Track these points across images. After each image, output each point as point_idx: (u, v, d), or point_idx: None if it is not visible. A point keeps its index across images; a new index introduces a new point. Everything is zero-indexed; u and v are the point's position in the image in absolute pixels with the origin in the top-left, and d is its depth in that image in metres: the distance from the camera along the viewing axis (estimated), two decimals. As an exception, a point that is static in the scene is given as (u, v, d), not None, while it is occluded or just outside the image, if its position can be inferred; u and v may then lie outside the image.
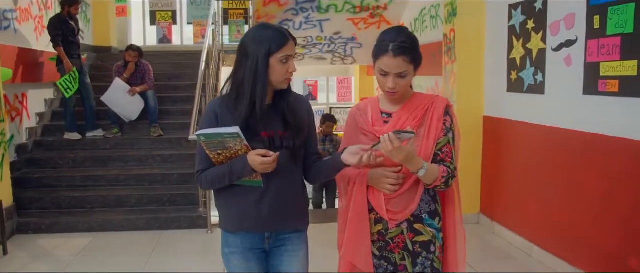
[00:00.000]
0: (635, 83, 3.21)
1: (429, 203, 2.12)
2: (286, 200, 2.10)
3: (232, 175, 2.01)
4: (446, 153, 2.07)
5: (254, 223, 2.09)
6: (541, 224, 4.30)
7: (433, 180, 2.01)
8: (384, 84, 2.04)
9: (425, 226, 2.10)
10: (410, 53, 1.99)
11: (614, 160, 3.45)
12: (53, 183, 5.84)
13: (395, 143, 1.85)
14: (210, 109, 2.09)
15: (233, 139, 1.90)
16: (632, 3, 3.20)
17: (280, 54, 1.97)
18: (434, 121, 2.07)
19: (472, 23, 5.15)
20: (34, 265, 4.50)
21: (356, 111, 2.22)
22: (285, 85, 2.05)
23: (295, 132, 2.07)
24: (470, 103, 5.19)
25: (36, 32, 6.72)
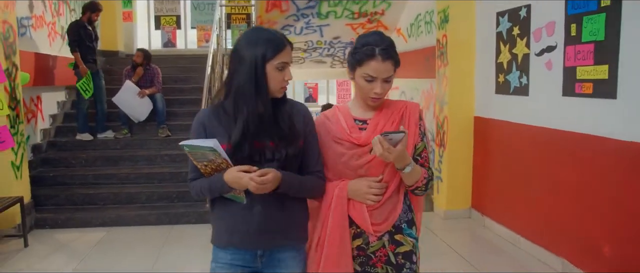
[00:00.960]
0: (606, 85, 3.53)
1: (406, 212, 2.11)
2: (277, 215, 1.97)
3: (213, 191, 1.95)
4: (425, 158, 2.09)
5: (243, 238, 1.98)
6: (527, 217, 4.62)
7: (415, 180, 2.00)
8: (371, 89, 1.98)
9: (405, 236, 2.08)
10: (395, 56, 1.98)
11: (589, 155, 3.76)
12: (67, 181, 6.15)
13: (384, 145, 1.84)
14: (198, 120, 1.99)
15: (212, 152, 1.80)
16: (603, 13, 3.53)
17: (276, 61, 1.87)
18: (412, 126, 2.06)
19: (463, 29, 5.47)
20: (54, 256, 4.82)
21: (325, 120, 2.13)
22: (280, 93, 1.94)
23: (287, 142, 1.93)
24: (462, 104, 5.50)
25: (49, 37, 7.04)
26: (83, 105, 6.75)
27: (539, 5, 4.31)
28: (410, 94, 7.54)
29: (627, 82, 3.38)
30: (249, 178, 1.78)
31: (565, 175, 4.05)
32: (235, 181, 1.82)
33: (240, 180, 1.80)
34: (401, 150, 1.87)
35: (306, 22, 7.67)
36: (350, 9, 7.44)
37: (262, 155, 1.91)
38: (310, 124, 2.05)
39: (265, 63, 1.85)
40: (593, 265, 3.75)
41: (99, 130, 6.92)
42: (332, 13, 7.48)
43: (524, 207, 4.64)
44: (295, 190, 1.96)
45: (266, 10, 7.26)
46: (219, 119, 1.94)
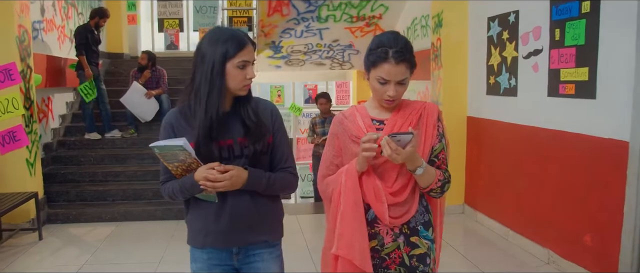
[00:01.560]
0: (586, 86, 3.80)
1: (423, 214, 2.07)
2: (248, 212, 1.99)
3: (184, 191, 1.95)
4: (442, 160, 2.05)
5: (216, 238, 2.00)
6: (515, 211, 4.88)
7: (429, 182, 1.97)
8: (384, 92, 1.97)
9: (421, 238, 2.05)
10: (410, 59, 1.95)
11: (572, 152, 4.02)
12: (77, 178, 6.41)
13: (392, 146, 1.83)
14: (166, 121, 2.01)
15: (182, 152, 1.81)
16: (584, 19, 3.79)
17: (237, 59, 1.87)
18: (429, 128, 2.02)
19: (456, 33, 5.73)
20: (67, 249, 5.07)
21: (343, 118, 2.12)
22: (243, 92, 1.94)
23: (255, 137, 1.95)
24: (455, 105, 5.76)
25: (59, 40, 7.30)
26: (88, 106, 7.00)
27: (526, 11, 4.57)
28: (407, 95, 7.75)
29: (605, 83, 3.64)
30: (203, 176, 1.83)
31: (550, 171, 4.31)
32: (200, 177, 1.85)
33: (204, 179, 1.83)
34: (410, 151, 1.85)
35: (306, 25, 7.93)
36: (349, 13, 7.71)
37: (231, 152, 1.94)
38: (278, 120, 2.07)
39: (225, 61, 1.86)
40: (576, 254, 4.01)
41: (106, 130, 7.18)
42: (332, 17, 7.74)
43: (513, 202, 4.90)
44: (264, 186, 1.97)
45: (268, 15, 7.52)
46: (186, 118, 1.95)
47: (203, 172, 1.84)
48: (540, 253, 4.44)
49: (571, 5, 3.92)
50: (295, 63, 9.43)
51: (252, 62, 1.92)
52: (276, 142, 2.04)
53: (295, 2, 7.31)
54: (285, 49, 8.65)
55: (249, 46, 1.91)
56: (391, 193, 1.99)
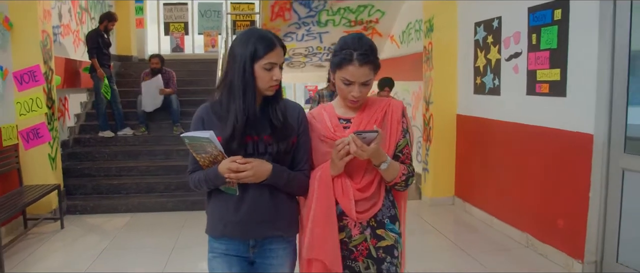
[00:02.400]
0: (559, 85, 4.24)
1: (389, 208, 2.15)
2: (266, 206, 2.06)
3: (208, 182, 2.03)
4: (406, 154, 2.13)
5: (234, 228, 2.06)
6: (498, 200, 5.32)
7: (393, 177, 2.05)
8: (348, 92, 2.04)
9: (387, 231, 2.12)
10: (374, 60, 2.02)
11: (547, 145, 4.46)
12: (93, 173, 6.85)
13: (358, 143, 1.90)
14: (198, 115, 2.09)
15: (209, 144, 1.88)
16: (556, 25, 4.24)
17: (264, 61, 1.93)
18: (394, 124, 2.10)
19: (446, 37, 6.17)
20: (87, 236, 5.51)
21: (312, 119, 2.18)
22: (270, 92, 2.01)
23: (280, 137, 2.02)
24: (446, 103, 6.20)
25: (74, 44, 7.75)
26: (102, 105, 7.43)
27: (507, 17, 5.02)
28: (402, 95, 8.23)
29: (574, 82, 4.09)
30: (226, 168, 1.92)
31: (528, 163, 4.75)
32: (225, 171, 1.93)
33: (227, 169, 1.92)
34: (375, 148, 1.92)
35: (307, 29, 8.37)
36: (348, 18, 8.15)
37: (255, 149, 2.01)
38: (304, 123, 2.13)
39: (253, 62, 1.93)
40: (550, 237, 4.45)
41: (118, 128, 7.61)
42: (331, 21, 8.18)
43: (497, 191, 5.34)
44: (284, 183, 2.04)
45: (271, 19, 7.96)
46: (216, 113, 2.03)
47: (226, 164, 1.91)
48: (519, 237, 4.89)
49: (545, 12, 4.37)
50: (296, 65, 9.87)
51: (279, 64, 1.98)
52: (300, 144, 2.11)
53: (296, 7, 7.76)
54: (286, 52, 9.09)
55: (277, 49, 1.97)
56: (358, 189, 2.06)
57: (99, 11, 8.88)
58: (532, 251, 4.65)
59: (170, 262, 4.58)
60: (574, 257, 4.12)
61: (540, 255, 4.53)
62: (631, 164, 3.72)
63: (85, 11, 8.33)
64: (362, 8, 7.95)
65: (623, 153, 3.77)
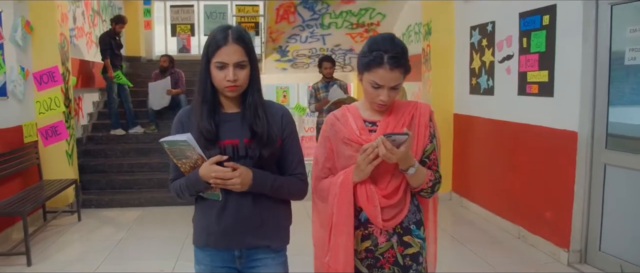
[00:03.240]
0: (547, 86, 4.54)
1: (414, 213, 2.08)
2: (251, 214, 1.94)
3: (190, 188, 1.91)
4: (433, 160, 2.05)
5: (218, 238, 1.96)
6: (492, 195, 5.62)
7: (420, 182, 1.97)
8: (376, 96, 1.95)
9: (414, 237, 2.06)
10: (405, 64, 1.93)
11: (536, 142, 4.76)
12: (106, 169, 7.17)
13: (387, 146, 1.81)
14: (177, 118, 2.01)
15: (187, 147, 1.79)
16: (544, 30, 4.54)
17: (215, 59, 1.82)
18: (421, 128, 2.00)
19: (444, 40, 6.47)
20: (103, 228, 5.83)
21: (335, 120, 2.08)
22: (228, 93, 1.87)
23: (261, 141, 1.89)
24: (443, 103, 6.50)
25: (87, 46, 8.07)
26: (114, 104, 7.76)
27: (500, 22, 5.32)
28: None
29: (560, 83, 4.39)
30: (208, 171, 1.80)
31: (520, 159, 5.05)
32: (207, 175, 1.81)
33: (210, 172, 1.80)
34: (404, 151, 1.84)
35: (310, 31, 8.68)
36: (350, 21, 8.45)
37: (235, 152, 1.90)
38: (289, 126, 2.01)
39: (209, 60, 1.84)
40: (539, 228, 4.75)
41: (129, 126, 7.93)
42: (333, 24, 8.49)
43: (491, 187, 5.64)
44: (269, 188, 1.93)
45: (275, 22, 8.27)
46: (194, 115, 1.93)
47: (207, 167, 1.81)
48: (512, 229, 5.19)
49: (535, 18, 4.67)
50: (300, 66, 10.17)
51: (233, 63, 1.82)
52: (286, 148, 2.00)
53: (300, 10, 8.06)
54: (291, 53, 9.40)
55: (228, 45, 1.82)
56: (384, 195, 1.98)
57: (110, 14, 9.21)
58: (523, 242, 4.95)
59: (183, 251, 4.88)
60: (560, 246, 4.42)
61: (531, 246, 4.83)
62: (612, 159, 4.02)
63: (97, 14, 8.66)
64: (364, 11, 8.25)
65: (605, 149, 4.07)
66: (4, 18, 5.21)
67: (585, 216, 4.24)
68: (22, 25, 5.58)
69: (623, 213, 3.95)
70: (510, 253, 4.74)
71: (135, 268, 4.46)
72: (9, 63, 5.33)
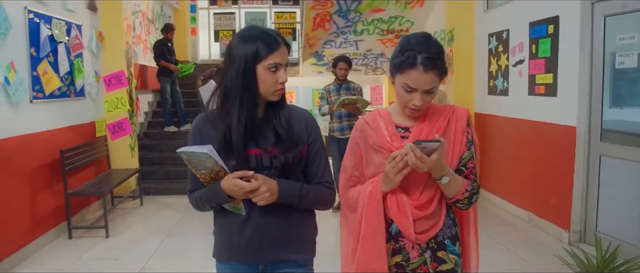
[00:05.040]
0: (552, 87, 5.17)
1: (450, 227, 1.94)
2: (277, 227, 1.84)
3: (210, 200, 1.82)
4: (470, 169, 1.90)
5: (241, 252, 1.87)
6: (506, 184, 6.25)
7: (455, 192, 1.83)
8: (409, 100, 1.80)
9: (448, 253, 1.92)
10: (440, 65, 1.77)
11: (543, 136, 5.38)
12: (161, 161, 8.04)
13: (417, 153, 1.69)
14: (195, 126, 1.89)
15: (208, 159, 1.68)
16: (549, 38, 5.17)
17: (268, 61, 1.71)
18: (458, 134, 1.87)
19: (465, 46, 7.12)
20: (163, 211, 6.67)
21: (365, 125, 1.95)
22: (275, 97, 1.78)
23: (287, 147, 1.79)
24: (464, 103, 7.12)
25: (143, 52, 8.99)
26: (167, 104, 8.65)
27: (514, 30, 5.95)
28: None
29: (562, 85, 5.01)
30: (239, 187, 1.68)
31: (530, 152, 5.68)
32: (231, 189, 1.71)
33: (234, 187, 1.69)
34: (436, 159, 1.71)
35: (344, 38, 9.41)
36: (381, 28, 9.14)
37: (259, 163, 1.79)
38: (315, 131, 1.91)
39: (255, 63, 1.71)
40: (546, 213, 5.37)
41: (181, 124, 8.81)
42: (366, 31, 9.20)
43: (505, 177, 6.27)
44: (296, 199, 1.82)
45: (312, 29, 9.02)
46: (214, 124, 1.82)
47: (230, 180, 1.70)
48: (522, 214, 5.82)
49: (542, 27, 5.31)
50: (335, 69, 10.89)
51: (284, 65, 1.77)
52: (312, 154, 1.90)
53: (335, 19, 8.79)
54: (326, 58, 10.14)
55: (282, 47, 1.75)
56: (417, 206, 1.84)
57: (162, 22, 10.14)
58: (532, 226, 5.58)
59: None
60: (562, 227, 5.04)
61: (538, 229, 5.45)
62: (606, 151, 4.63)
63: (151, 23, 9.59)
64: (394, 19, 8.94)
65: (600, 142, 4.68)
66: (83, 30, 6.11)
67: (584, 201, 4.86)
68: (95, 36, 6.48)
69: (616, 198, 4.55)
70: (520, 235, 5.37)
71: (193, 242, 5.26)
72: (87, 68, 6.23)
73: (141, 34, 8.86)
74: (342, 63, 6.14)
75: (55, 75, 5.41)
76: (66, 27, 5.65)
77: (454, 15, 7.21)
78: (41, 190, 5.09)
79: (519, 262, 4.56)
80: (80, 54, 6.00)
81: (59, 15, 5.50)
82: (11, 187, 4.57)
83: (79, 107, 6.09)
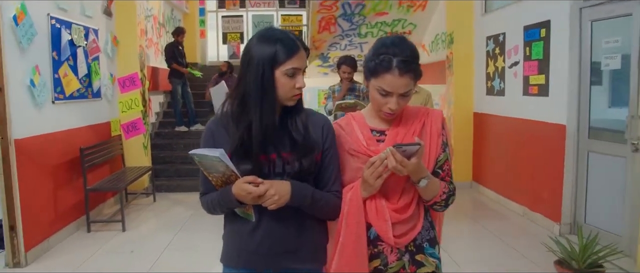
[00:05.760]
0: (544, 88, 5.45)
1: (428, 229, 1.93)
2: (287, 233, 1.80)
3: (221, 204, 1.79)
4: (446, 171, 1.90)
5: (250, 259, 1.84)
6: (503, 180, 6.53)
7: (433, 195, 1.83)
8: (384, 104, 1.79)
9: (427, 256, 1.91)
10: (415, 68, 1.76)
11: (536, 134, 5.66)
12: (173, 160, 8.37)
13: (397, 157, 1.66)
14: (208, 128, 1.86)
15: (220, 163, 1.65)
16: (542, 41, 5.45)
17: (287, 66, 1.69)
18: (434, 137, 1.87)
19: (464, 48, 7.41)
20: (175, 207, 6.99)
21: (339, 130, 1.92)
22: (292, 102, 1.76)
23: (302, 153, 1.76)
24: (464, 103, 7.43)
25: (155, 55, 9.33)
26: (178, 105, 8.99)
27: (509, 33, 6.23)
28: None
29: (553, 85, 5.29)
30: (241, 189, 1.65)
31: (524, 149, 5.96)
32: (240, 194, 1.67)
33: (243, 192, 1.65)
34: (416, 163, 1.69)
35: (349, 40, 9.71)
36: (384, 30, 9.43)
37: (271, 169, 1.76)
38: (331, 136, 1.86)
39: (273, 67, 1.68)
40: (538, 206, 5.64)
41: (191, 124, 9.15)
42: (370, 33, 9.49)
43: (502, 173, 6.55)
44: (309, 201, 1.76)
45: (318, 32, 9.32)
46: (227, 127, 1.79)
47: (239, 185, 1.66)
48: (517, 209, 6.10)
49: (535, 30, 5.59)
50: (339, 71, 11.19)
51: (303, 69, 1.74)
52: (326, 161, 1.85)
53: (340, 22, 9.09)
54: (332, 59, 10.45)
55: (300, 52, 1.72)
56: (395, 210, 1.84)
57: (172, 26, 10.48)
58: (526, 219, 5.85)
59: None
60: (554, 220, 5.32)
61: (531, 221, 5.73)
62: (594, 147, 4.90)
63: (162, 26, 9.93)
64: (397, 22, 9.23)
65: (588, 139, 4.96)
66: (99, 34, 6.44)
67: (573, 195, 5.13)
68: (111, 40, 6.81)
69: (603, 192, 4.83)
70: (515, 227, 5.64)
71: (204, 236, 5.55)
72: (103, 70, 6.56)
73: (153, 37, 9.19)
74: (344, 67, 5.64)
75: (75, 77, 5.74)
76: (84, 32, 5.98)
77: (454, 19, 7.49)
78: (63, 186, 5.42)
79: (512, 251, 4.84)
80: (97, 57, 6.33)
81: (78, 20, 5.83)
82: (37, 182, 4.90)
83: (96, 108, 6.42)
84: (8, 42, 4.44)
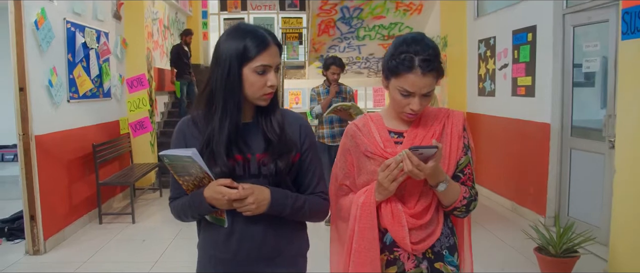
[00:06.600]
0: (530, 89, 5.79)
1: (448, 237, 1.85)
2: (265, 241, 1.72)
3: (193, 209, 1.68)
4: (468, 175, 1.82)
5: (227, 266, 1.75)
6: (493, 177, 6.86)
7: (453, 200, 1.74)
8: (406, 105, 1.72)
9: (446, 264, 1.83)
10: (438, 67, 1.71)
11: (524, 132, 6.00)
12: (178, 158, 8.68)
13: (414, 160, 1.59)
14: (179, 128, 1.77)
15: (192, 164, 1.55)
16: (529, 44, 5.78)
17: (256, 63, 1.58)
18: (454, 139, 1.79)
19: (457, 51, 7.75)
20: (180, 202, 7.32)
21: (356, 131, 1.85)
22: (263, 102, 1.67)
23: (277, 153, 1.67)
24: (457, 104, 7.75)
25: (160, 56, 9.67)
26: (183, 105, 9.32)
27: (499, 37, 6.57)
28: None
29: (539, 87, 5.62)
30: (226, 198, 1.56)
31: (513, 146, 6.29)
32: (214, 197, 1.58)
33: (217, 195, 1.56)
34: (433, 166, 1.62)
35: (348, 43, 10.06)
36: (381, 33, 9.79)
37: (246, 170, 1.67)
38: (309, 138, 1.78)
39: (242, 64, 1.59)
40: (526, 201, 5.98)
41: (195, 123, 9.46)
42: (368, 36, 9.85)
43: (493, 171, 6.88)
44: (289, 209, 1.68)
45: (317, 35, 9.68)
46: (197, 125, 1.72)
47: (213, 188, 1.58)
48: (506, 204, 6.43)
49: (522, 34, 5.93)
50: (338, 72, 11.54)
51: (274, 66, 1.64)
52: (306, 163, 1.77)
53: (339, 25, 9.45)
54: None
55: (272, 48, 1.62)
56: (412, 215, 1.76)
57: (176, 28, 10.82)
58: (515, 213, 6.19)
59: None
60: (539, 213, 5.65)
61: (519, 215, 6.07)
62: (576, 144, 5.23)
63: (167, 29, 10.27)
64: (393, 25, 9.58)
65: (570, 137, 5.30)
66: (110, 37, 6.77)
67: (557, 189, 5.47)
68: (120, 42, 7.14)
69: (585, 186, 5.16)
70: (503, 221, 5.97)
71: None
72: (112, 71, 6.89)
73: (158, 40, 9.53)
74: (334, 67, 5.70)
75: (87, 78, 6.07)
76: (96, 35, 6.31)
77: (447, 23, 7.83)
78: (77, 180, 5.75)
79: (499, 242, 5.18)
80: (107, 58, 6.66)
81: (91, 24, 6.16)
82: (54, 176, 5.23)
83: (106, 107, 6.74)
84: (30, 45, 4.77)
